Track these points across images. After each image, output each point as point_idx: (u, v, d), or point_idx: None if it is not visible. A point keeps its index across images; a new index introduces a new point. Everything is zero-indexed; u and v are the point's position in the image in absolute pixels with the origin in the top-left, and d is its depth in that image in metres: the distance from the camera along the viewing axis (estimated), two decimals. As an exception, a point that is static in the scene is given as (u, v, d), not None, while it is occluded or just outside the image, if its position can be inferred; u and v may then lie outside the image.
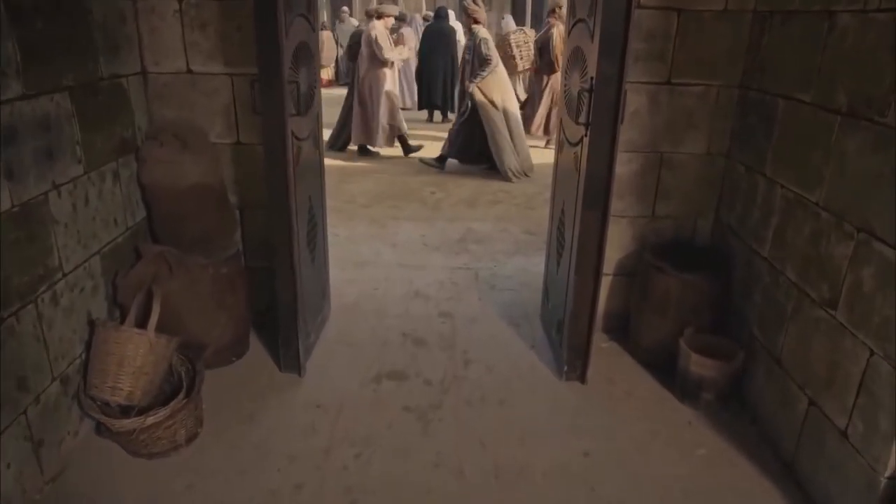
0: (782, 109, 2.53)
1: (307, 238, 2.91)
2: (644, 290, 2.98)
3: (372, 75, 7.38)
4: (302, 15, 2.70)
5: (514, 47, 9.03)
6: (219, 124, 3.01)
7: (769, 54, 2.66)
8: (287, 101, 2.46)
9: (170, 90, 2.96)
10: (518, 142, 6.75)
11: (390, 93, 7.51)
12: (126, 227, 2.76)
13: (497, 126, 6.60)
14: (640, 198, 3.10)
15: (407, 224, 5.09)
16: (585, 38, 2.55)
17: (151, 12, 2.85)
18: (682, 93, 2.94)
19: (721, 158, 3.03)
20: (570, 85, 2.80)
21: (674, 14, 2.82)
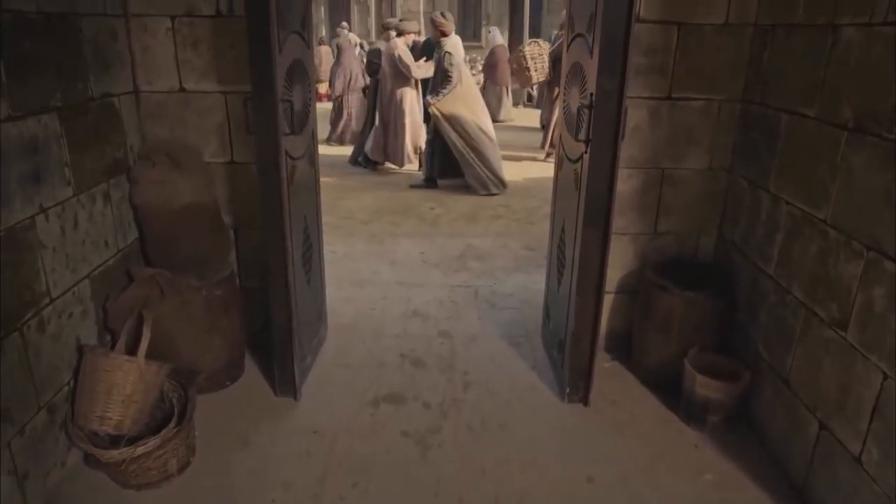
0: (785, 124, 2.48)
1: (302, 258, 2.85)
2: (646, 308, 2.92)
3: (395, 93, 7.32)
4: (296, 32, 2.66)
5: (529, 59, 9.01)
6: (213, 143, 2.96)
7: (771, 68, 2.62)
8: (280, 121, 2.41)
9: (163, 109, 2.92)
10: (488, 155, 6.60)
11: (414, 110, 7.48)
12: (117, 249, 2.70)
13: (452, 140, 6.50)
14: (642, 214, 3.05)
15: (406, 240, 5.03)
16: (584, 53, 2.51)
17: (144, 30, 2.81)
18: (683, 107, 2.89)
19: (723, 174, 2.98)
20: (570, 101, 2.75)
21: (674, 28, 2.78)
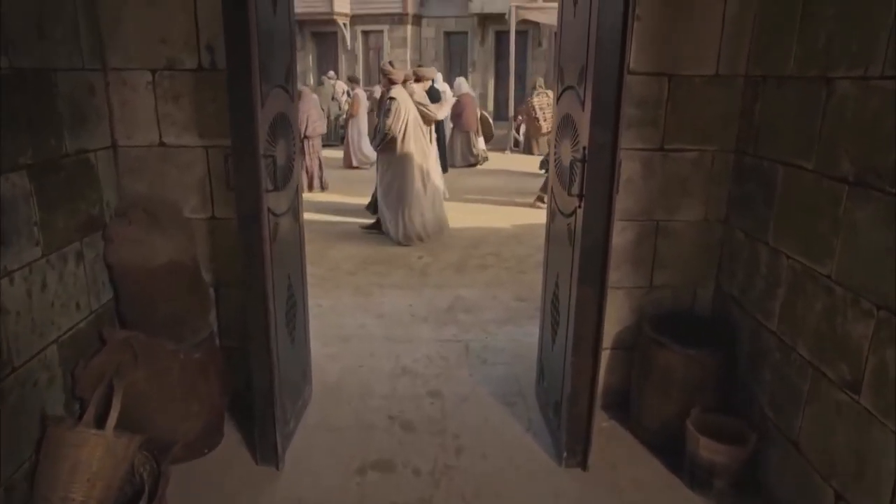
0: (782, 176, 2.42)
1: (286, 318, 2.73)
2: (645, 366, 2.80)
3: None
4: (280, 86, 2.59)
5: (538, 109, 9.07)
6: (193, 198, 2.86)
7: (764, 119, 2.58)
8: (263, 177, 2.32)
9: (142, 164, 2.82)
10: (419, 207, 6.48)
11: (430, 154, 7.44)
12: (90, 310, 2.57)
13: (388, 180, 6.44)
14: (637, 268, 2.96)
15: (393, 292, 4.92)
16: (576, 106, 2.45)
17: (123, 84, 2.74)
18: (675, 159, 2.84)
19: (719, 225, 2.91)
20: (561, 154, 2.69)
21: (664, 79, 2.74)
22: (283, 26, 2.62)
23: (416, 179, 6.40)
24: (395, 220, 6.46)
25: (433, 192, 6.60)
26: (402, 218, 6.41)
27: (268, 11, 2.40)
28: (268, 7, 2.40)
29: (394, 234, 6.48)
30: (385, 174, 6.49)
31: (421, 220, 6.48)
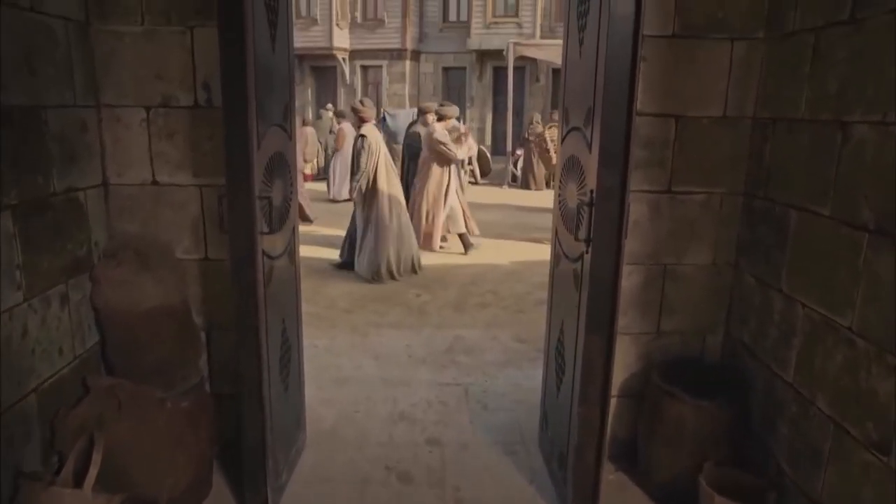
0: (796, 221, 2.34)
1: (280, 364, 2.61)
2: (654, 416, 2.68)
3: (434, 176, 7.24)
4: (278, 125, 2.52)
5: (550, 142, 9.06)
6: (186, 239, 2.77)
7: (775, 162, 2.51)
8: (257, 220, 2.23)
9: (133, 203, 2.73)
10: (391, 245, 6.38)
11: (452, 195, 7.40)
12: (74, 356, 2.45)
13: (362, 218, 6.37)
14: (644, 313, 2.86)
15: (390, 332, 4.79)
16: (582, 147, 2.38)
17: (116, 121, 2.66)
18: (683, 201, 2.76)
19: (728, 269, 2.82)
20: (567, 197, 2.61)
21: (671, 120, 2.68)
22: (281, 64, 2.56)
23: (387, 217, 6.33)
24: (366, 257, 6.35)
25: (405, 229, 6.50)
26: (375, 255, 6.30)
27: (266, 49, 2.34)
28: (266, 45, 2.34)
29: (365, 271, 6.35)
30: (360, 213, 6.40)
31: (395, 258, 6.38)
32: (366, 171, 6.17)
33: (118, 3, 2.58)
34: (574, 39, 2.54)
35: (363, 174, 6.17)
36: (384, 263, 6.31)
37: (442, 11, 20.60)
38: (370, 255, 6.31)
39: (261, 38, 2.26)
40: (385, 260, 6.31)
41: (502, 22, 19.11)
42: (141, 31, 2.60)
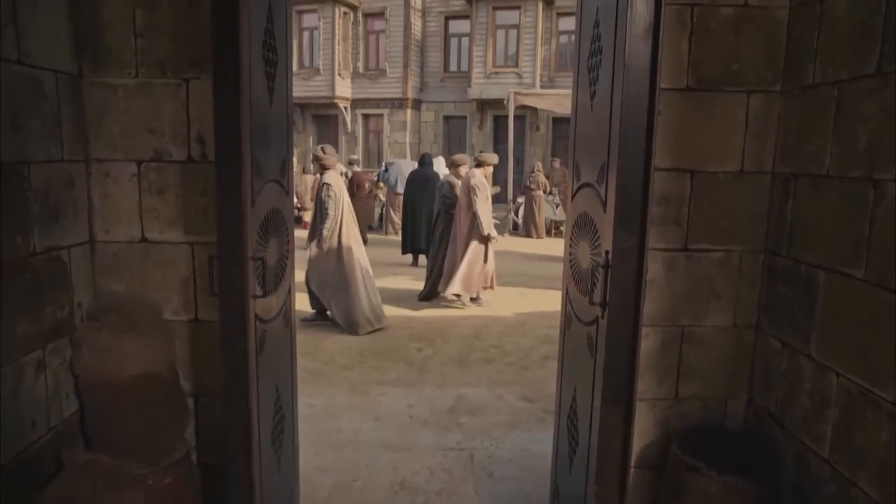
0: (825, 283, 2.20)
1: (272, 436, 2.42)
2: (676, 493, 2.48)
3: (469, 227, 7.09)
4: (274, 181, 2.40)
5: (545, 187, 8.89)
6: (175, 299, 2.62)
7: (799, 220, 2.38)
8: (250, 282, 2.08)
9: (120, 261, 2.59)
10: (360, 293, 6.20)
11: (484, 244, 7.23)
12: (48, 428, 2.27)
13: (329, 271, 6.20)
14: (662, 378, 2.69)
15: (392, 391, 4.59)
16: (595, 205, 2.25)
17: (105, 176, 2.55)
18: (700, 259, 2.62)
19: (750, 332, 2.66)
20: (578, 256, 2.47)
21: (686, 176, 2.56)
22: (279, 117, 2.45)
23: (355, 266, 6.18)
24: (342, 308, 6.17)
25: (368, 277, 6.34)
26: (350, 305, 6.13)
27: (263, 102, 2.24)
28: (263, 97, 2.24)
29: (343, 322, 6.18)
30: (323, 262, 6.19)
31: (367, 306, 6.21)
32: (335, 218, 6.05)
33: (113, 54, 2.49)
34: (584, 92, 2.45)
35: (332, 221, 6.04)
36: (360, 313, 6.14)
37: (443, 62, 20.92)
38: (345, 305, 6.14)
39: (257, 90, 2.16)
40: (361, 309, 6.14)
41: (502, 72, 19.37)
42: (135, 84, 2.51)
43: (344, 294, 6.12)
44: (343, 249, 6.13)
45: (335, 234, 6.09)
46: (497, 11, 19.22)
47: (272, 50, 2.30)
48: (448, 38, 20.81)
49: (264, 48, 2.23)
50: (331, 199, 6.04)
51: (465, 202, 7.08)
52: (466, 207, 7.06)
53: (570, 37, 18.55)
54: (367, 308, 6.18)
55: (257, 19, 2.15)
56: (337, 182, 6.23)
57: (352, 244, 6.19)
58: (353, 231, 6.26)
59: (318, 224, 6.16)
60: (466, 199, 7.05)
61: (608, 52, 2.17)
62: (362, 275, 6.21)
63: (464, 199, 7.10)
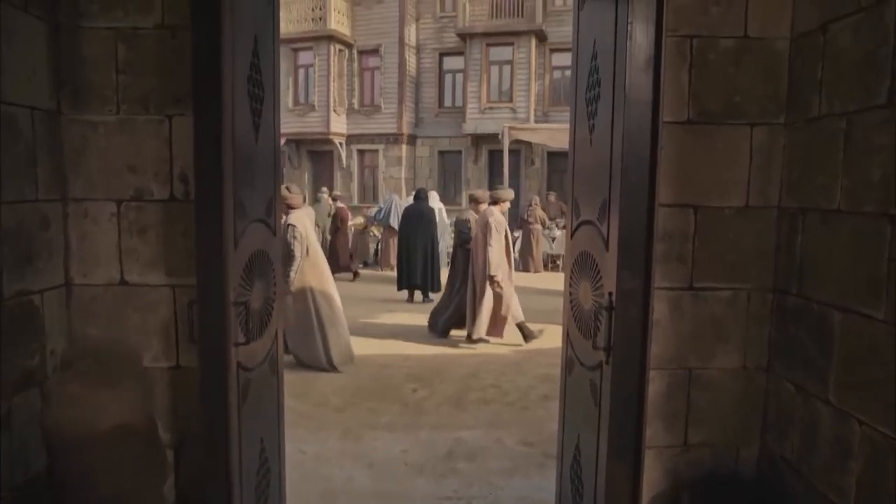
0: (841, 324, 2.08)
1: (255, 493, 2.27)
2: (689, 550, 2.32)
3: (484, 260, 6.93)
4: (260, 220, 2.29)
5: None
6: (156, 345, 2.48)
7: (809, 257, 2.27)
8: (231, 329, 1.96)
9: (98, 305, 2.46)
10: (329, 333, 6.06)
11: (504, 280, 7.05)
12: (11, 487, 2.11)
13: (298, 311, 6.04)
14: (669, 424, 2.54)
15: (386, 435, 4.41)
16: (597, 244, 2.15)
17: (84, 216, 2.44)
18: (707, 298, 2.50)
19: (761, 374, 2.53)
20: (579, 297, 2.35)
21: (690, 211, 2.46)
22: (266, 154, 2.36)
23: (324, 305, 6.04)
24: (313, 347, 6.01)
25: (335, 319, 6.18)
26: (321, 344, 5.97)
27: (248, 139, 2.14)
28: (248, 134, 2.15)
29: (312, 361, 6.01)
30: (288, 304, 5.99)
31: (337, 345, 6.06)
32: (300, 259, 5.92)
33: (94, 90, 2.41)
34: (583, 126, 2.36)
35: (298, 263, 5.91)
36: (325, 354, 5.99)
37: (437, 97, 21.06)
38: (310, 347, 5.98)
39: (241, 126, 2.06)
40: (331, 348, 5.99)
41: (497, 107, 19.49)
42: (116, 121, 2.42)
43: (308, 336, 5.98)
44: (307, 291, 6.00)
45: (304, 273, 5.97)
46: (490, 48, 19.42)
47: (258, 85, 2.22)
48: (442, 74, 21.00)
49: (249, 83, 2.14)
50: (296, 240, 5.91)
51: (483, 240, 6.92)
52: (484, 246, 6.91)
53: (564, 72, 18.75)
54: (333, 349, 6.02)
55: (242, 53, 2.07)
56: (302, 223, 6.11)
57: (314, 285, 6.04)
58: (319, 271, 6.14)
59: (284, 266, 6.03)
60: (484, 237, 6.92)
61: (607, 85, 2.09)
62: (328, 316, 6.06)
63: (481, 237, 6.96)
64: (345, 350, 6.18)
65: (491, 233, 6.78)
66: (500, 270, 6.89)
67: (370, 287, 11.34)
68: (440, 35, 20.50)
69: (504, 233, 6.97)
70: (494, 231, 6.81)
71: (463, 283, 7.38)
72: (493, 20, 19.15)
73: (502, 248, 6.95)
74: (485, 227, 6.88)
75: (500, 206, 7.18)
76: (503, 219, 7.06)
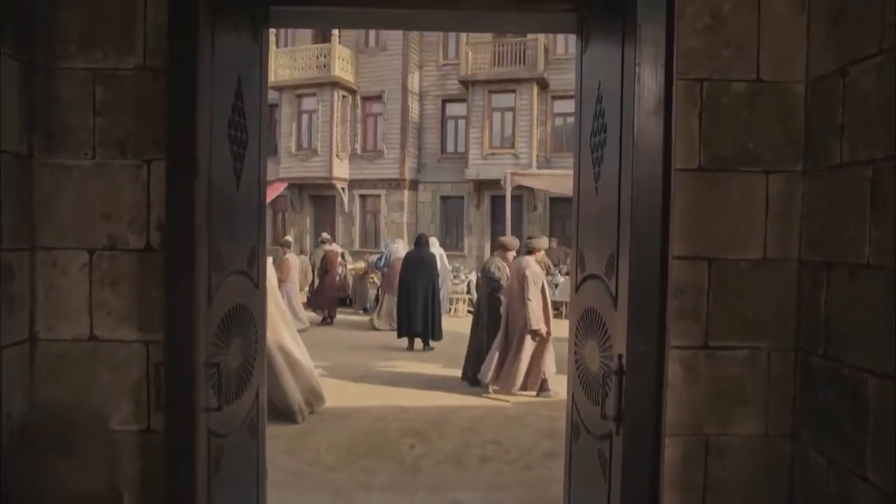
0: (876, 390, 1.88)
1: (226, 576, 2.04)
2: None
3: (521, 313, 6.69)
4: (241, 272, 2.12)
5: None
6: (125, 406, 2.28)
7: (836, 315, 2.09)
8: (200, 393, 1.77)
9: (64, 362, 2.28)
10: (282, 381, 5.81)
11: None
12: (-45, 570, 1.89)
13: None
14: (685, 496, 2.31)
15: (380, 497, 4.15)
16: (604, 301, 1.97)
17: (52, 266, 2.27)
18: (723, 358, 2.31)
19: (785, 442, 2.32)
20: (585, 357, 2.16)
21: (703, 264, 2.29)
22: (248, 201, 2.21)
23: (276, 354, 5.79)
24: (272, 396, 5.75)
25: (296, 362, 5.95)
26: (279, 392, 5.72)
27: (228, 186, 2.00)
28: (228, 180, 2.00)
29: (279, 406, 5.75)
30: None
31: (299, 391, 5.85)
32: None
33: (69, 133, 2.28)
34: (587, 173, 2.21)
35: None
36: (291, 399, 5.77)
37: (440, 143, 21.17)
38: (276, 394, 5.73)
39: (220, 173, 1.92)
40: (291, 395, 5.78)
41: (499, 153, 19.54)
42: (91, 165, 2.28)
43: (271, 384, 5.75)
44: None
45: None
46: (493, 95, 19.59)
47: (241, 129, 2.08)
48: (445, 120, 21.14)
49: (231, 127, 2.00)
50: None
51: (519, 292, 6.68)
52: (520, 298, 6.66)
53: (566, 118, 18.83)
54: (298, 394, 5.81)
55: (223, 95, 1.94)
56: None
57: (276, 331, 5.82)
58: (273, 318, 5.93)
59: None
60: (520, 288, 6.67)
61: (613, 130, 1.95)
62: (281, 368, 5.82)
63: (517, 287, 6.73)
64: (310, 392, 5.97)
65: (528, 285, 6.57)
66: (542, 324, 6.65)
67: (369, 333, 11.13)
68: (443, 82, 20.73)
69: (541, 284, 6.75)
70: (532, 283, 6.59)
71: (487, 331, 7.14)
72: (495, 68, 19.38)
73: (541, 301, 6.71)
74: (521, 279, 6.65)
75: (535, 256, 6.97)
76: (539, 270, 6.84)
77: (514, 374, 6.71)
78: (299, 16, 2.64)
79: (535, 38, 18.76)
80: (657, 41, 1.73)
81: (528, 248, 7.05)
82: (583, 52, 2.40)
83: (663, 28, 1.71)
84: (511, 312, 6.80)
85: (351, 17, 2.71)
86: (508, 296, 6.88)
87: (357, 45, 20.62)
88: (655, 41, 1.73)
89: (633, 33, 1.80)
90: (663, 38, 1.71)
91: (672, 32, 1.71)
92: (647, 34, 1.75)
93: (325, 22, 3.46)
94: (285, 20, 2.67)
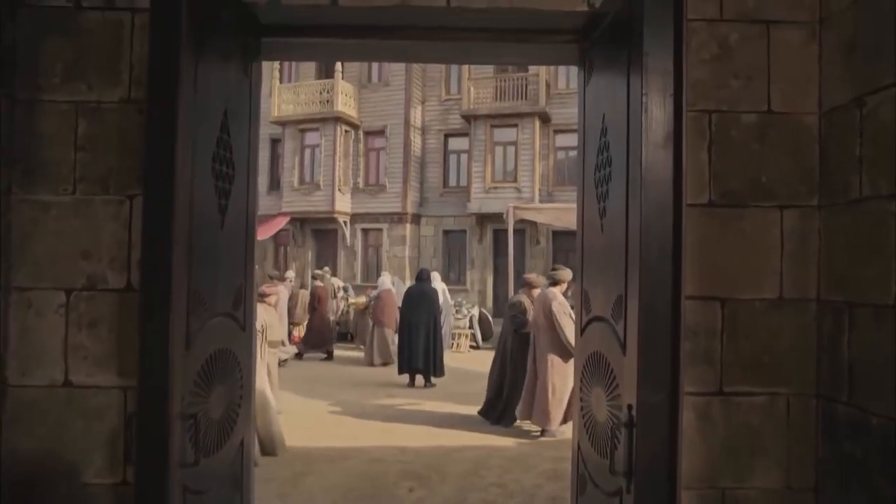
0: (908, 444, 1.73)
1: None
2: None
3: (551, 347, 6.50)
4: (226, 315, 2.00)
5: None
6: (99, 458, 2.14)
7: (861, 359, 1.95)
8: (175, 447, 1.62)
9: (36, 411, 2.15)
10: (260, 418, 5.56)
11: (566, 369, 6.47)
12: None
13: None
14: (701, 557, 2.15)
15: (376, 547, 3.95)
16: (611, 345, 1.84)
17: (27, 307, 2.15)
18: (740, 405, 2.17)
19: (809, 497, 2.16)
20: (592, 405, 2.02)
21: (716, 304, 2.17)
22: (235, 238, 2.09)
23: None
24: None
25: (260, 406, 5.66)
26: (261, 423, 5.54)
27: (211, 222, 1.88)
28: (212, 217, 1.89)
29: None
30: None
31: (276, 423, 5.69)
32: None
33: (48, 168, 2.18)
34: (592, 209, 2.10)
35: None
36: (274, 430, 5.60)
37: (442, 177, 21.17)
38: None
39: (202, 210, 1.80)
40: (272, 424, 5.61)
41: (501, 187, 19.53)
42: (71, 201, 2.18)
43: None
44: None
45: None
46: (495, 129, 19.66)
47: (227, 163, 1.98)
48: (447, 154, 21.19)
49: (216, 161, 1.90)
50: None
51: (546, 325, 6.51)
52: (547, 332, 6.49)
53: (568, 152, 18.84)
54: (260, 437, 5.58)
55: (208, 128, 1.84)
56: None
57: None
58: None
59: None
60: (549, 322, 6.49)
61: (619, 164, 1.84)
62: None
63: (543, 321, 6.55)
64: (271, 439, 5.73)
65: (557, 318, 6.40)
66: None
67: (368, 369, 10.92)
68: (445, 117, 20.83)
69: (569, 312, 6.57)
70: (560, 314, 6.42)
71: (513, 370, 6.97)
72: (497, 102, 19.47)
73: (572, 326, 6.52)
74: (549, 312, 6.49)
75: (559, 287, 6.82)
76: (565, 300, 6.69)
77: (546, 407, 6.49)
78: (293, 48, 2.57)
79: (537, 72, 18.89)
80: (665, 70, 1.63)
81: (553, 280, 6.88)
82: (586, 84, 2.31)
83: (671, 56, 1.61)
84: (538, 347, 6.64)
85: (348, 49, 2.64)
86: (534, 329, 6.72)
87: (360, 80, 20.79)
88: (663, 70, 1.63)
89: (639, 63, 1.70)
90: (671, 67, 1.61)
91: (681, 61, 1.61)
92: (654, 63, 1.65)
93: (320, 54, 3.39)
94: (278, 52, 2.60)
